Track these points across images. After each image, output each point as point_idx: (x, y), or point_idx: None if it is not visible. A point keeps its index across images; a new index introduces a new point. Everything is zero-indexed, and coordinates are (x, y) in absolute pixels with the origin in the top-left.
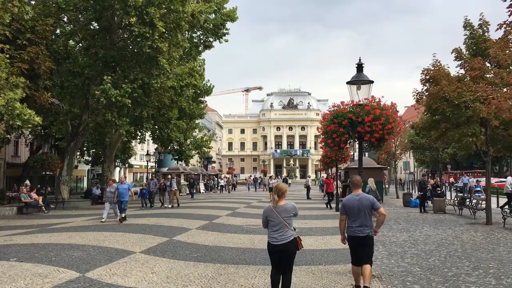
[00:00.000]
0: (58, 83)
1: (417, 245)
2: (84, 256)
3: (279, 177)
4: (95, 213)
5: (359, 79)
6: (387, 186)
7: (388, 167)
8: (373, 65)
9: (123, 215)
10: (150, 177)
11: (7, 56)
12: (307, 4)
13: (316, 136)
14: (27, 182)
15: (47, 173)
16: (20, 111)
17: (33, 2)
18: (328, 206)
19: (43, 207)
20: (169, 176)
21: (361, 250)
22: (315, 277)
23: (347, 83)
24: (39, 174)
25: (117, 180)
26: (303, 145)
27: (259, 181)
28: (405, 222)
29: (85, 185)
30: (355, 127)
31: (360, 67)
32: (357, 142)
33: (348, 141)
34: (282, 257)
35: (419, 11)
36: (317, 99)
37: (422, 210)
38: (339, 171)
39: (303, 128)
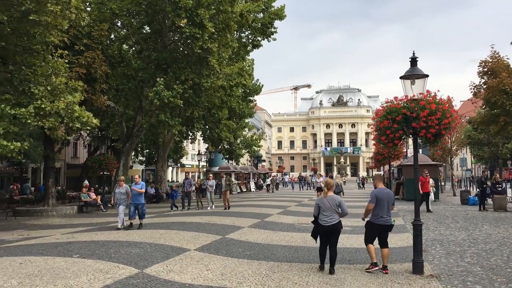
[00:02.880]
0: (114, 86)
1: (477, 244)
2: (141, 253)
3: (324, 175)
4: (150, 211)
5: (414, 73)
6: (443, 183)
7: (444, 164)
8: (423, 59)
9: (141, 221)
10: (185, 177)
11: (66, 61)
12: (354, 1)
13: (367, 133)
14: (86, 182)
15: (105, 173)
16: (79, 113)
17: (88, 9)
18: (429, 209)
19: (102, 206)
20: (210, 176)
21: (384, 236)
22: (370, 276)
23: (401, 77)
24: (96, 174)
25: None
26: (353, 142)
27: (304, 179)
28: (463, 221)
29: None
30: (410, 122)
31: (414, 61)
32: (412, 138)
33: (402, 138)
34: (331, 235)
35: (469, 3)
36: (367, 96)
37: (482, 208)
38: (392, 168)
39: (353, 125)
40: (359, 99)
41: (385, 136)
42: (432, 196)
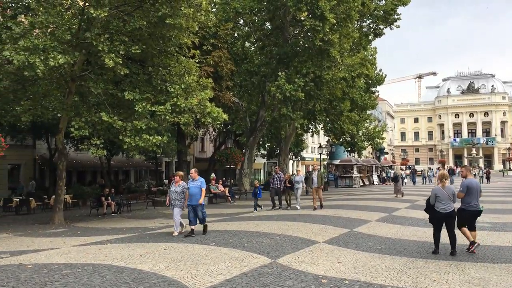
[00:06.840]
0: (238, 82)
1: None
2: (272, 244)
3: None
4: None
5: None
6: None
7: None
8: None
9: (204, 224)
10: (274, 171)
11: (196, 61)
12: None
13: (503, 122)
14: (213, 175)
15: (230, 166)
16: (210, 109)
17: (214, 10)
18: None
19: (229, 197)
20: (299, 170)
21: (474, 221)
22: None
23: None
24: (223, 167)
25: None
26: (486, 132)
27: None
28: None
29: (262, 177)
30: None
31: None
32: None
33: None
34: (447, 221)
35: None
36: (502, 81)
37: None
38: None
39: (486, 114)
40: (492, 85)
41: None
42: None
